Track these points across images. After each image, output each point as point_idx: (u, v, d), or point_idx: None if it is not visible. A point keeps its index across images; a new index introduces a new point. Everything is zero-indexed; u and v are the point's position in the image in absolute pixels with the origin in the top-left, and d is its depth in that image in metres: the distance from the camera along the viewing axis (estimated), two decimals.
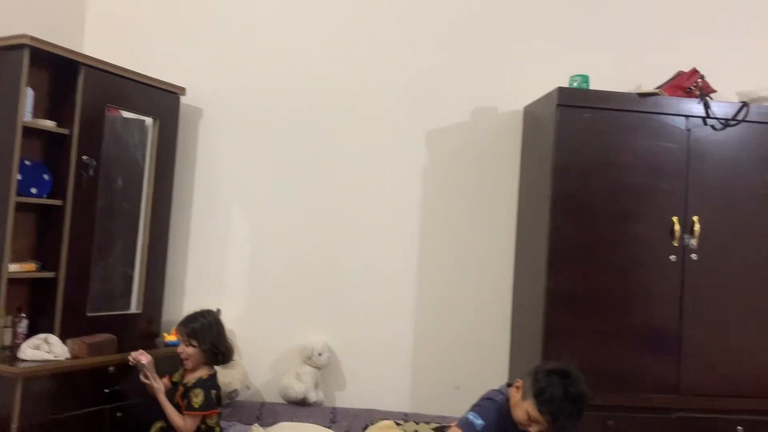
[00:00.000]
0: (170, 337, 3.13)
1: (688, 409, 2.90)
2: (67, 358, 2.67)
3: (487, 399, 2.35)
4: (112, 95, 3.00)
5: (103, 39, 3.44)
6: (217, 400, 2.78)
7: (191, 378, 2.77)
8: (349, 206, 3.44)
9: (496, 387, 2.43)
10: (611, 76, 3.27)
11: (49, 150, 2.88)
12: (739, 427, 2.90)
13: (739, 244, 2.97)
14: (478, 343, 3.40)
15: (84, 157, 2.84)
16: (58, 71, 2.88)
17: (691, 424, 2.90)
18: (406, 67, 3.46)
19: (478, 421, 2.25)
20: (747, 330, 2.96)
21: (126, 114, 3.17)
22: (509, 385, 2.39)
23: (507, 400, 2.33)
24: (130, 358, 2.74)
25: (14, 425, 2.45)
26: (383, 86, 3.46)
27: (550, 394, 2.15)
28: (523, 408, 2.23)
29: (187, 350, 2.78)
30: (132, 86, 3.08)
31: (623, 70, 3.37)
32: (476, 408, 2.32)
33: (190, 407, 2.69)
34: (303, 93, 3.46)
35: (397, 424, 2.52)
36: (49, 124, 2.80)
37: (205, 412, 2.70)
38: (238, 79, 3.47)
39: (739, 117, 2.97)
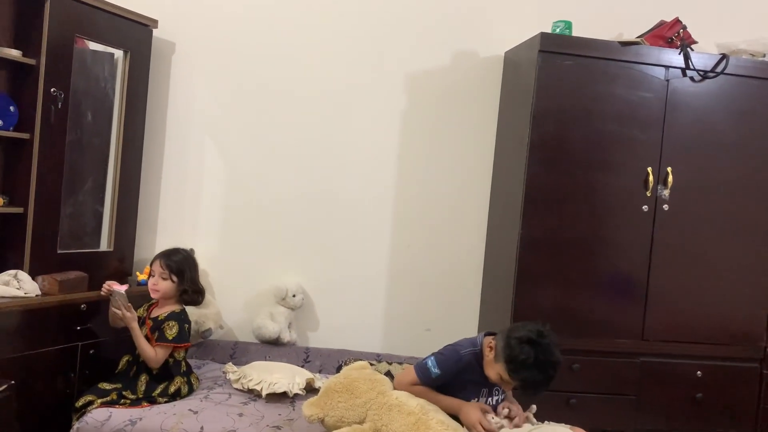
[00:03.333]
0: (143, 276, 3.11)
1: (651, 354, 3.01)
2: (37, 295, 2.64)
3: (452, 348, 2.36)
4: (81, 25, 2.88)
5: None
6: (188, 334, 2.79)
7: (162, 312, 2.77)
8: (326, 147, 3.40)
9: (472, 335, 2.46)
10: (594, 24, 3.24)
11: (15, 81, 2.76)
12: (699, 372, 3.02)
13: (709, 196, 3.02)
14: (450, 287, 3.45)
15: (52, 90, 2.74)
16: None
17: (654, 369, 3.00)
18: (388, 9, 3.38)
19: (435, 370, 2.30)
20: (709, 280, 3.04)
21: (95, 46, 3.05)
22: (487, 334, 2.39)
23: (475, 353, 2.34)
24: (104, 286, 2.69)
25: None
26: (363, 27, 3.38)
27: (521, 363, 2.17)
28: (496, 369, 2.26)
29: (162, 284, 2.75)
30: (102, 16, 2.95)
31: (606, 18, 3.35)
32: (438, 356, 2.34)
33: (162, 338, 2.69)
34: (279, 31, 3.36)
35: (371, 365, 2.56)
36: (14, 54, 2.69)
37: (177, 345, 2.71)
38: (212, 14, 3.35)
39: (718, 69, 2.97)
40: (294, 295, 3.29)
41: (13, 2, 2.75)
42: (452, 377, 2.32)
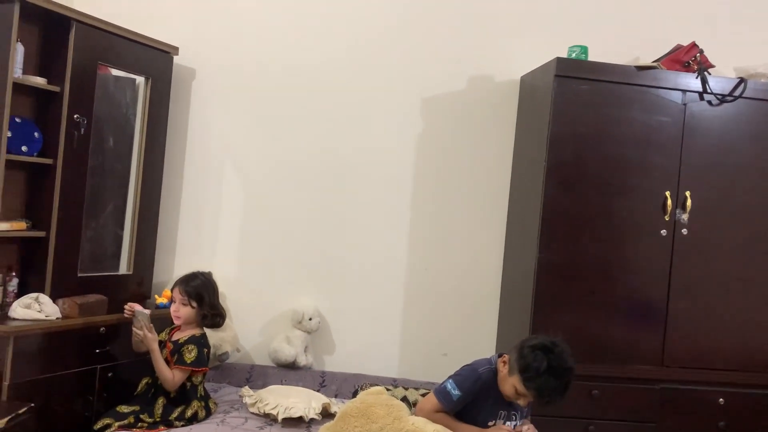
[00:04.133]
0: (161, 299, 3.13)
1: (671, 380, 2.96)
2: (58, 318, 2.67)
3: (469, 368, 2.37)
4: (104, 53, 2.94)
5: None
6: (207, 358, 2.80)
7: (183, 335, 2.78)
8: (342, 171, 3.43)
9: (487, 356, 2.45)
10: (610, 48, 3.25)
11: (40, 108, 2.83)
12: (721, 399, 2.97)
13: (729, 220, 3.00)
14: (467, 311, 3.44)
15: (75, 116, 2.80)
16: (49, 27, 2.82)
17: (675, 395, 2.96)
18: (403, 34, 3.42)
19: (455, 392, 2.30)
20: (731, 305, 3.00)
21: (116, 72, 3.12)
22: (501, 355, 2.41)
23: (492, 371, 2.35)
24: (127, 308, 2.73)
25: (6, 383, 2.47)
26: (379, 52, 3.42)
27: (535, 369, 2.18)
28: (510, 383, 2.26)
29: (183, 310, 2.77)
30: (124, 44, 3.02)
31: (622, 42, 3.36)
32: (456, 377, 2.35)
33: (181, 362, 2.70)
34: (297, 57, 3.41)
35: (387, 390, 2.55)
36: (39, 81, 2.75)
37: (195, 368, 2.72)
38: (232, 41, 3.41)
39: (736, 93, 2.96)
40: (310, 319, 3.30)
41: (38, 32, 2.82)
42: (473, 397, 2.31)
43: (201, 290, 2.79)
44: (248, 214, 3.44)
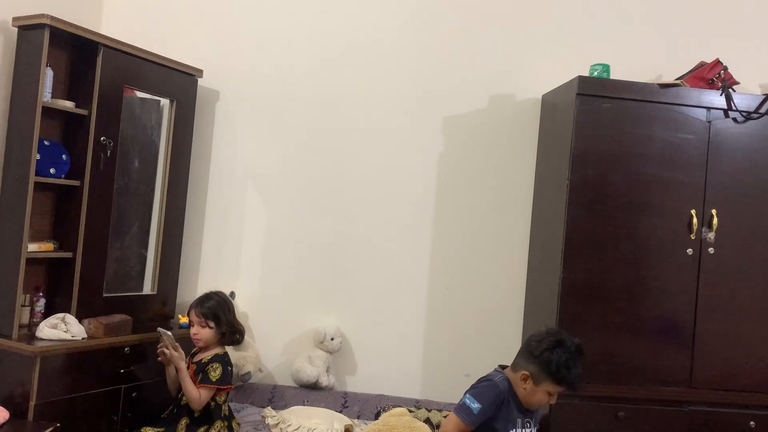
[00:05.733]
0: (185, 319, 3.15)
1: (700, 402, 2.90)
2: (83, 338, 2.70)
3: (484, 380, 2.38)
4: (130, 76, 3.00)
5: (121, 20, 3.42)
6: (231, 376, 2.81)
7: (206, 355, 2.79)
8: (365, 192, 3.43)
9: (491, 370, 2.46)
10: (632, 66, 3.24)
11: (68, 130, 2.89)
12: (752, 422, 2.90)
13: (757, 238, 2.94)
14: (490, 332, 3.40)
15: (102, 138, 2.85)
16: (77, 52, 2.88)
17: (704, 418, 2.89)
18: (424, 53, 3.44)
19: (475, 405, 2.29)
20: (761, 325, 2.94)
21: (142, 95, 3.17)
22: (503, 367, 2.43)
23: (506, 379, 2.37)
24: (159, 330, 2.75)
25: (31, 403, 2.49)
26: (401, 72, 3.44)
27: (565, 366, 2.26)
28: (542, 390, 2.30)
29: (202, 332, 2.78)
30: (150, 67, 3.07)
31: (644, 60, 3.34)
32: (473, 391, 2.35)
33: (206, 380, 2.70)
34: (319, 77, 3.44)
35: (410, 411, 2.53)
36: (67, 105, 2.81)
37: (221, 386, 2.72)
38: (255, 63, 3.46)
39: (762, 110, 2.93)
40: (332, 339, 3.29)
41: (67, 56, 2.89)
42: (495, 408, 2.30)
43: (216, 310, 2.81)
44: (271, 235, 3.46)
